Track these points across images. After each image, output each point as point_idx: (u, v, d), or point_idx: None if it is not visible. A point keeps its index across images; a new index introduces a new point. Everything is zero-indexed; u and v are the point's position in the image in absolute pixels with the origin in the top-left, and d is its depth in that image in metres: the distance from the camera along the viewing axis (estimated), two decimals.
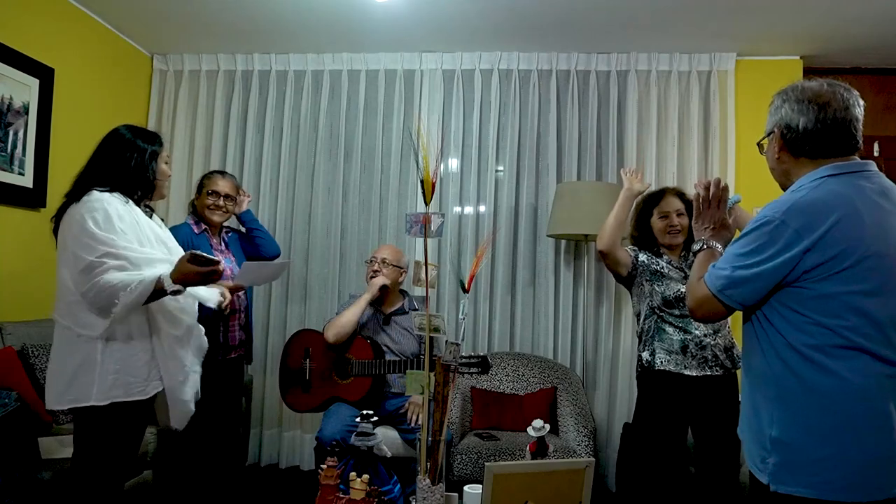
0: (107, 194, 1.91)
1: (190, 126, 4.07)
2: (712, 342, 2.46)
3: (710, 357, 2.45)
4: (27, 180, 3.12)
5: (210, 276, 1.91)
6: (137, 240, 1.91)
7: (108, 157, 1.98)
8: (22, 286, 3.11)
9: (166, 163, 2.10)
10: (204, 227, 2.89)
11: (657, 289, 2.52)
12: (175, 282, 1.85)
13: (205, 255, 1.89)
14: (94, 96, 3.61)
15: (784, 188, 1.53)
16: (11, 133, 3.02)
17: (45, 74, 3.19)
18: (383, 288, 3.13)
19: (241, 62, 4.05)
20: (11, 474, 2.16)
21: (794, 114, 1.44)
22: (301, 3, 3.31)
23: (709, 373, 2.45)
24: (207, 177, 2.98)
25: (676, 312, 2.49)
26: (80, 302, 1.82)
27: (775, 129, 1.48)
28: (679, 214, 2.58)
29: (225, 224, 3.01)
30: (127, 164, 1.97)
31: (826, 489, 1.32)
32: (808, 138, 1.44)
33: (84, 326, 1.83)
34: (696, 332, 2.46)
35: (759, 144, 1.58)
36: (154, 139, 2.06)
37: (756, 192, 3.75)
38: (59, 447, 2.39)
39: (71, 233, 1.85)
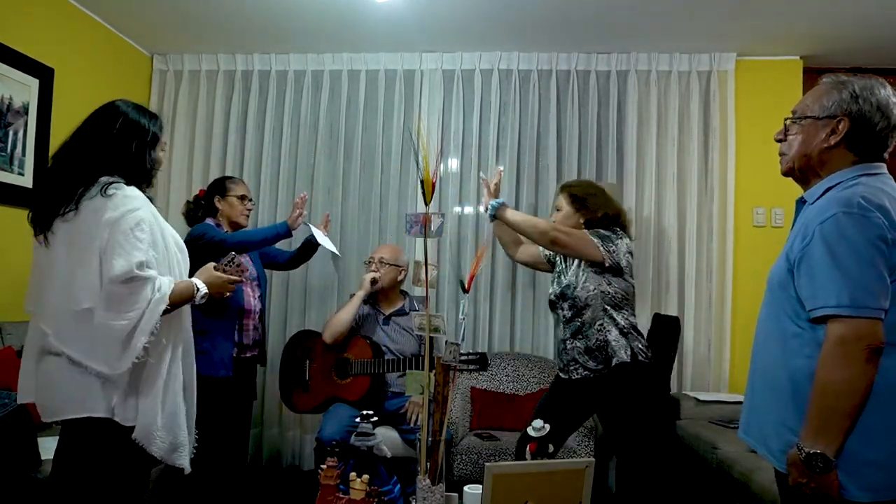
0: (137, 191, 1.71)
1: (190, 126, 4.06)
2: (570, 346, 2.45)
3: (568, 360, 2.47)
4: (27, 180, 3.12)
5: (231, 288, 1.86)
6: (162, 246, 1.75)
7: (108, 137, 1.72)
8: (22, 286, 3.09)
9: (163, 150, 1.84)
10: (226, 230, 2.90)
11: None
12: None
13: (238, 262, 1.85)
14: (93, 96, 3.56)
15: (802, 175, 1.50)
16: (11, 133, 3.02)
17: (44, 74, 3.18)
18: (374, 282, 3.13)
19: (241, 62, 4.04)
20: (11, 474, 2.16)
21: (873, 112, 1.42)
22: (302, 3, 3.31)
23: (564, 376, 2.50)
24: (233, 182, 3.01)
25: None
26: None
27: (844, 117, 1.43)
28: (557, 209, 2.62)
29: None
30: (128, 148, 1.73)
31: (884, 491, 1.30)
32: (874, 141, 1.43)
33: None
34: (560, 335, 2.51)
35: (797, 121, 1.50)
36: (156, 120, 1.81)
37: (755, 192, 3.78)
38: None
39: (115, 232, 1.63)
